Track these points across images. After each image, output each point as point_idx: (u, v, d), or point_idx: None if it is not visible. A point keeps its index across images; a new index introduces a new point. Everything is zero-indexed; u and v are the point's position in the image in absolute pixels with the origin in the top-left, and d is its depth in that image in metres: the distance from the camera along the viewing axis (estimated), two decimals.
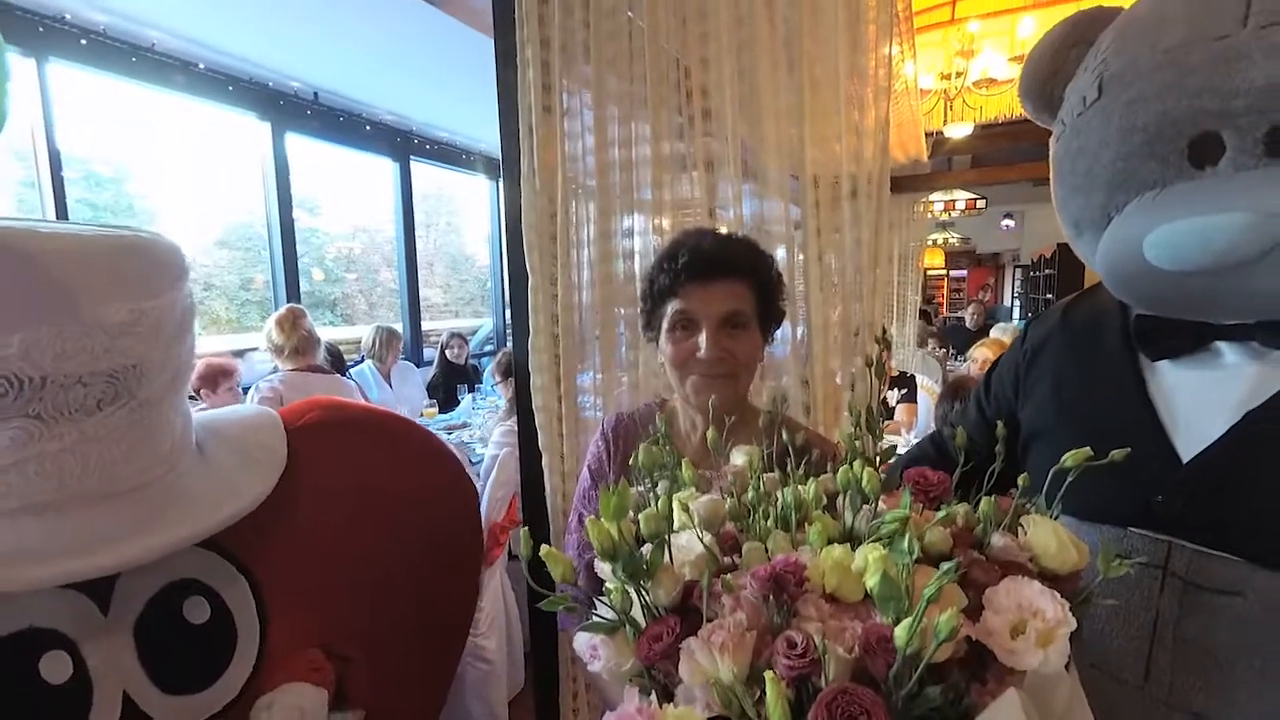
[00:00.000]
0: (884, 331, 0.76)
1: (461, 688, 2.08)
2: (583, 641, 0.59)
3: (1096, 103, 0.68)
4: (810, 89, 1.32)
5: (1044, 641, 0.46)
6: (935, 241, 9.92)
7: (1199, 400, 0.68)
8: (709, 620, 0.51)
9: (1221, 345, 0.68)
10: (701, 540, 0.57)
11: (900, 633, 0.42)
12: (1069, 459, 0.57)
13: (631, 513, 0.62)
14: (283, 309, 2.75)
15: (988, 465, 0.66)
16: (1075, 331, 0.83)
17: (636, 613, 0.56)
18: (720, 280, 0.91)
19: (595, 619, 0.58)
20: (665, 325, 0.94)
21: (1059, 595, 0.47)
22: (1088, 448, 0.57)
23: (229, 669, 0.63)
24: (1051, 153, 0.78)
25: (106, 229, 0.57)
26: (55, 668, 0.53)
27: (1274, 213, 0.55)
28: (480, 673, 2.08)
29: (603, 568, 0.58)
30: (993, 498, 0.58)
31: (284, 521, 0.70)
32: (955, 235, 10.29)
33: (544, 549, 0.53)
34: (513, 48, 1.27)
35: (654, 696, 0.49)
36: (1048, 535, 0.54)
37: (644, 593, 0.55)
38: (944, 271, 12.01)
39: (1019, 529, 0.57)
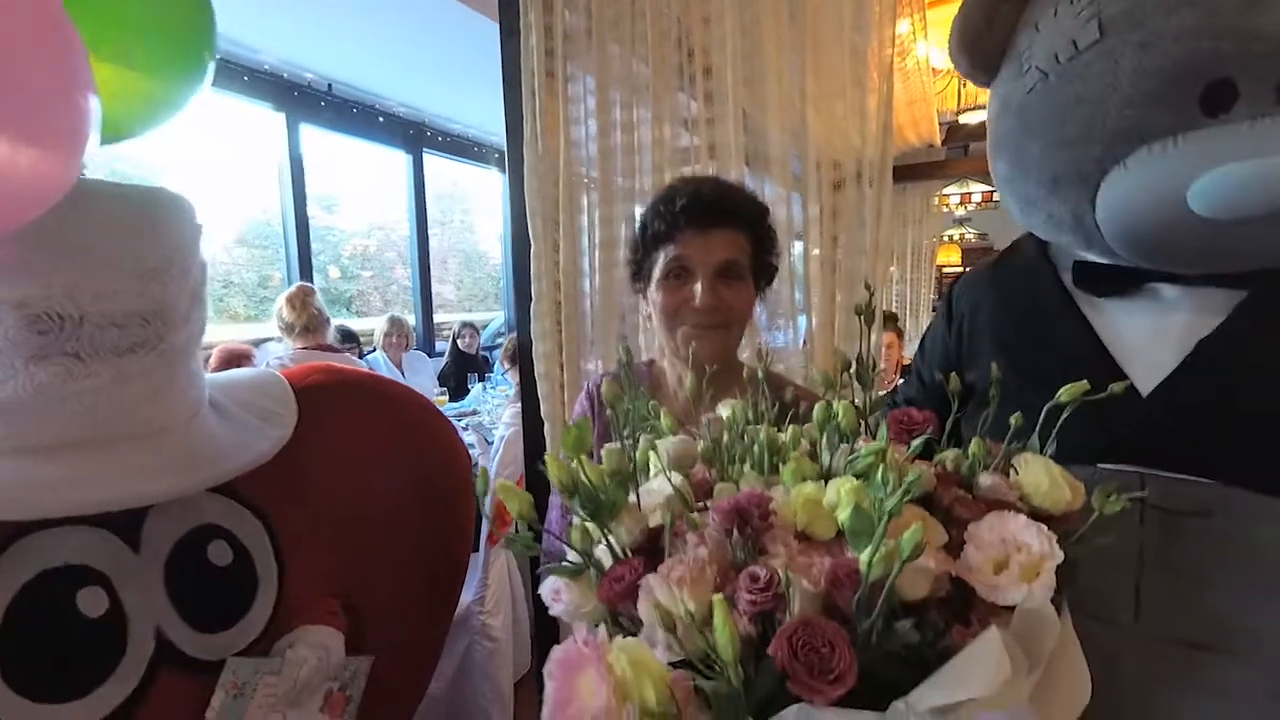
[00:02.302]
0: (894, 316, 0.73)
1: (469, 665, 2.07)
2: (548, 587, 0.56)
3: (1096, 45, 0.65)
4: (813, 46, 1.29)
5: (1028, 576, 0.43)
6: (951, 238, 9.72)
7: (1147, 335, 0.71)
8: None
9: (1158, 285, 0.71)
10: (670, 481, 0.54)
11: (864, 557, 0.39)
12: (1064, 394, 0.54)
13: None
14: (293, 287, 2.80)
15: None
16: (1007, 289, 0.85)
17: (605, 558, 0.54)
18: (719, 228, 0.87)
19: (564, 564, 0.55)
20: (658, 273, 0.90)
21: (1045, 528, 0.44)
22: (1083, 381, 0.55)
23: (251, 609, 0.67)
24: (1014, 106, 0.74)
25: (138, 184, 0.61)
26: (92, 602, 0.56)
27: None
28: (486, 650, 2.07)
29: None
30: (984, 439, 0.55)
31: (294, 474, 0.74)
32: (971, 231, 10.06)
33: (499, 482, 0.50)
34: (516, 17, 1.27)
35: (602, 628, 0.46)
36: (1039, 473, 0.51)
37: (610, 535, 0.53)
38: (960, 268, 11.79)
39: (1010, 470, 0.54)
